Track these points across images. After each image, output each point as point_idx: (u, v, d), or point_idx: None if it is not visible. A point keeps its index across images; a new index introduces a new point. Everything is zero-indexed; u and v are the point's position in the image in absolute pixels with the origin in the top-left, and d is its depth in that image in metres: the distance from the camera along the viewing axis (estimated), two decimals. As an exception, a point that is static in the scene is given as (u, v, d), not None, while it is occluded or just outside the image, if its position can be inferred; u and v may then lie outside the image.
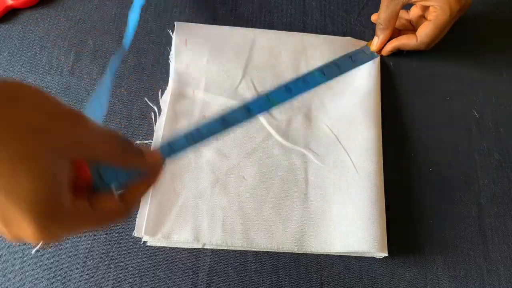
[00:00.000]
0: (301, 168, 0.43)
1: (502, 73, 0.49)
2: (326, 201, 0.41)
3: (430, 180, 0.43)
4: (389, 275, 0.39)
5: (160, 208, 0.40)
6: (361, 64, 0.47)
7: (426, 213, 0.42)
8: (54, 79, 0.48)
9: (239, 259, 0.40)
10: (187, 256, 0.40)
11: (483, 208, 0.42)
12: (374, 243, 0.38)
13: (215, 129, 0.34)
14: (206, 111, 0.45)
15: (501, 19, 0.52)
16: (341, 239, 0.39)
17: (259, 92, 0.46)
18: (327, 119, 0.45)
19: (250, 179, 0.42)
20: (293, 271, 0.39)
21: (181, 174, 0.42)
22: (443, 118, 0.46)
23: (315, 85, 0.41)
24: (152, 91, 0.47)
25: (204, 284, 0.38)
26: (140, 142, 0.44)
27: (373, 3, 0.53)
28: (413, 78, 0.48)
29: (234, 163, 0.43)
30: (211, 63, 0.47)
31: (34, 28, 0.51)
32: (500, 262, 0.40)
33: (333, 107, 0.46)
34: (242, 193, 0.41)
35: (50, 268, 0.39)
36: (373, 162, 0.42)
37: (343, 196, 0.41)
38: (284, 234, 0.40)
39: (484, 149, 0.45)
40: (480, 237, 0.41)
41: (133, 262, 0.39)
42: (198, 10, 0.52)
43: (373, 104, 0.45)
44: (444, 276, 0.39)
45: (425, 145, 0.45)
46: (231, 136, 0.44)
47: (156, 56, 0.49)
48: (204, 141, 0.33)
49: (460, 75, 0.49)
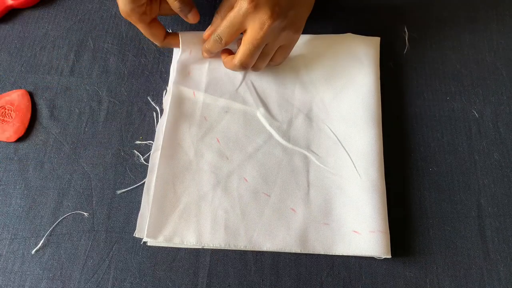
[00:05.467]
0: (302, 169, 0.43)
1: (502, 73, 0.49)
2: (328, 203, 0.41)
3: (430, 180, 0.43)
4: (389, 275, 0.39)
5: (162, 211, 0.40)
6: None
7: (426, 213, 0.42)
8: (54, 79, 0.48)
9: (239, 259, 0.40)
10: (187, 256, 0.40)
11: (483, 208, 0.42)
12: (377, 247, 0.38)
13: None
14: (206, 113, 0.45)
15: (501, 19, 0.52)
16: (344, 241, 0.39)
17: (259, 94, 0.46)
18: (328, 120, 0.45)
19: (251, 181, 0.42)
20: (293, 271, 0.39)
21: (182, 176, 0.42)
22: (443, 118, 0.46)
23: None
24: (152, 91, 0.47)
25: (204, 284, 0.39)
26: (140, 142, 0.44)
27: (374, 3, 0.53)
28: (413, 78, 0.48)
29: (236, 165, 0.43)
30: (213, 66, 0.47)
31: (34, 28, 0.51)
32: (500, 262, 0.40)
33: (334, 107, 0.46)
34: (244, 194, 0.41)
35: (50, 268, 0.39)
36: (375, 163, 0.42)
37: (345, 198, 0.41)
38: (287, 236, 0.40)
39: (484, 149, 0.45)
40: (480, 237, 0.41)
41: (133, 262, 0.39)
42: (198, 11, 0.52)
43: (373, 105, 0.45)
44: (444, 276, 0.39)
45: (425, 145, 0.45)
46: (232, 138, 0.44)
47: (156, 56, 0.49)
48: None
49: (460, 75, 0.49)
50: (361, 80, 0.46)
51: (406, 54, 0.50)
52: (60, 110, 0.46)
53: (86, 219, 0.41)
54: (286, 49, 0.44)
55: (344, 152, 0.43)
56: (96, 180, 0.43)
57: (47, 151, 0.44)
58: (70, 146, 0.44)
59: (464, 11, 0.52)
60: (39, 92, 0.47)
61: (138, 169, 0.43)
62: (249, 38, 0.40)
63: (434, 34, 0.51)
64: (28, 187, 0.42)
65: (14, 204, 0.42)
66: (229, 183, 0.42)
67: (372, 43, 0.48)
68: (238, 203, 0.41)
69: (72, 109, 0.46)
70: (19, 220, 0.41)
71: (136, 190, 0.42)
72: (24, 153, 0.44)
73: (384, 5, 0.53)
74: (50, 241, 0.40)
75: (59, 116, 0.46)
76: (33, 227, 0.41)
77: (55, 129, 0.45)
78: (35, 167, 0.43)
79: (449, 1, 0.53)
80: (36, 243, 0.40)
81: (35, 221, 0.41)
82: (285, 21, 0.40)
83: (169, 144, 0.43)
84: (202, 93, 0.46)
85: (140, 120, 0.45)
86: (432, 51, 0.50)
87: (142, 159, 0.43)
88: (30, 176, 0.43)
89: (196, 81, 0.46)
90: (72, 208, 0.41)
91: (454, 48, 0.50)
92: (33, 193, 0.42)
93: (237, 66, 0.43)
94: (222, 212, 0.40)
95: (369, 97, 0.45)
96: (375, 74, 0.47)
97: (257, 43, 0.40)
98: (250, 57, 0.42)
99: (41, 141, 0.44)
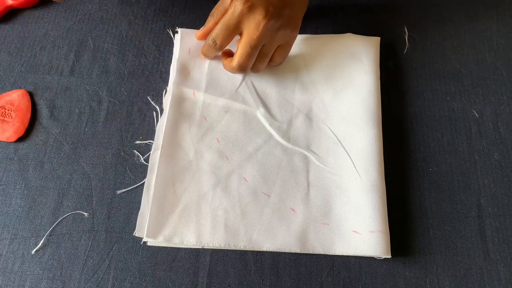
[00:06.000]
0: (302, 169, 0.43)
1: (502, 73, 0.49)
2: (327, 203, 0.41)
3: (430, 180, 0.43)
4: (389, 275, 0.39)
5: (162, 211, 0.40)
6: None
7: (426, 213, 0.42)
8: (54, 79, 0.48)
9: (239, 259, 0.40)
10: (187, 256, 0.40)
11: (483, 208, 0.42)
12: (377, 247, 0.38)
13: None
14: (206, 113, 0.45)
15: (501, 19, 0.52)
16: (344, 241, 0.39)
17: (259, 94, 0.46)
18: (328, 120, 0.45)
19: (251, 181, 0.42)
20: (293, 271, 0.39)
21: (182, 176, 0.42)
22: (443, 118, 0.46)
23: None
24: (152, 91, 0.47)
25: (204, 284, 0.39)
26: (140, 142, 0.44)
27: (374, 3, 0.53)
28: (413, 78, 0.48)
29: (235, 165, 0.43)
30: (213, 66, 0.47)
31: (34, 28, 0.51)
32: (500, 262, 0.40)
33: (334, 107, 0.46)
34: (244, 194, 0.41)
35: (50, 268, 0.39)
36: (375, 164, 0.42)
37: (345, 198, 0.41)
38: (287, 235, 0.40)
39: (484, 149, 0.45)
40: (480, 237, 0.41)
41: (133, 262, 0.39)
42: (198, 10, 0.52)
43: (373, 105, 0.45)
44: (444, 276, 0.39)
45: (425, 145, 0.45)
46: (232, 138, 0.44)
47: (156, 56, 0.49)
48: None
49: (460, 75, 0.49)
50: (361, 80, 0.46)
51: (406, 54, 0.50)
52: (60, 110, 0.46)
53: (86, 219, 0.41)
54: (284, 49, 0.44)
55: (344, 152, 0.43)
56: (96, 180, 0.43)
57: (47, 151, 0.44)
58: (70, 146, 0.44)
59: (464, 11, 0.52)
60: (39, 92, 0.47)
61: (138, 169, 0.43)
62: (246, 40, 0.40)
63: (434, 34, 0.51)
64: (28, 187, 0.42)
65: (14, 204, 0.42)
66: (229, 183, 0.42)
67: (372, 43, 0.48)
68: (238, 203, 0.41)
69: (72, 109, 0.46)
70: (19, 220, 0.41)
71: (136, 190, 0.42)
72: (24, 153, 0.44)
73: (384, 5, 0.53)
74: (50, 241, 0.40)
75: (59, 116, 0.46)
76: (33, 227, 0.41)
77: (55, 129, 0.45)
78: (35, 167, 0.43)
79: (449, 1, 0.53)
80: (36, 243, 0.40)
81: (35, 221, 0.41)
82: (280, 20, 0.40)
83: (169, 144, 0.43)
84: (202, 93, 0.46)
85: (140, 120, 0.45)
86: (432, 51, 0.50)
87: (142, 159, 0.43)
88: (30, 176, 0.43)
89: (196, 81, 0.46)
90: (72, 208, 0.41)
91: (454, 48, 0.50)
92: (33, 193, 0.42)
93: (236, 69, 0.43)
94: (222, 212, 0.40)
95: (369, 97, 0.45)
96: (375, 74, 0.47)
97: (254, 44, 0.40)
98: (248, 58, 0.42)
99: (41, 141, 0.44)
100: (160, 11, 0.52)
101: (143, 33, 0.50)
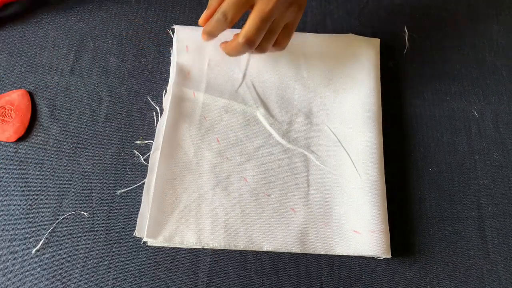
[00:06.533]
0: (302, 169, 0.43)
1: (502, 73, 0.49)
2: (327, 203, 0.41)
3: (430, 180, 0.43)
4: (389, 275, 0.39)
5: (162, 211, 0.40)
6: None
7: (426, 213, 0.42)
8: (54, 79, 0.48)
9: (239, 259, 0.40)
10: (187, 256, 0.40)
11: (483, 208, 0.42)
12: (377, 247, 0.38)
13: None
14: (206, 113, 0.45)
15: (501, 19, 0.52)
16: (344, 241, 0.39)
17: (259, 94, 0.46)
18: (328, 120, 0.45)
19: (251, 181, 0.42)
20: (293, 271, 0.39)
21: (182, 176, 0.42)
22: (443, 118, 0.46)
23: None
24: (152, 91, 0.47)
25: (204, 284, 0.39)
26: (140, 142, 0.44)
27: (374, 3, 0.53)
28: (413, 78, 0.48)
29: (235, 165, 0.43)
30: (212, 66, 0.47)
31: (34, 28, 0.51)
32: (500, 262, 0.40)
33: (334, 107, 0.46)
34: (244, 194, 0.41)
35: (50, 268, 0.39)
36: (375, 164, 0.42)
37: (345, 198, 0.41)
38: (287, 235, 0.40)
39: (484, 149, 0.45)
40: (480, 237, 0.41)
41: (133, 262, 0.39)
42: (198, 10, 0.52)
43: (373, 105, 0.45)
44: (444, 276, 0.39)
45: (425, 145, 0.45)
46: (232, 138, 0.44)
47: (156, 56, 0.49)
48: None
49: (460, 75, 0.49)
50: (361, 81, 0.46)
51: (406, 54, 0.50)
52: (60, 110, 0.46)
53: (86, 219, 0.41)
54: (290, 29, 0.43)
55: (344, 152, 0.43)
56: (96, 180, 0.43)
57: (47, 151, 0.44)
58: (70, 146, 0.44)
59: (464, 11, 0.52)
60: (39, 92, 0.47)
61: (138, 169, 0.43)
62: (257, 12, 0.39)
63: (434, 34, 0.51)
64: (28, 187, 0.42)
65: (14, 204, 0.42)
66: (229, 183, 0.42)
67: (372, 44, 0.48)
68: (238, 203, 0.41)
69: (72, 109, 0.46)
70: (19, 220, 0.41)
71: (136, 190, 0.42)
72: (24, 153, 0.44)
73: (384, 5, 0.53)
74: (50, 241, 0.40)
75: (59, 116, 0.46)
76: (33, 227, 0.41)
77: (55, 129, 0.45)
78: (35, 167, 0.43)
79: (449, 1, 0.53)
80: (36, 243, 0.40)
81: (35, 221, 0.41)
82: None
83: (169, 144, 0.43)
84: (202, 93, 0.46)
85: (140, 120, 0.45)
86: (432, 51, 0.50)
87: (142, 159, 0.43)
88: (30, 176, 0.43)
89: (196, 81, 0.46)
90: (72, 208, 0.41)
91: (454, 48, 0.50)
92: (33, 193, 0.42)
93: (242, 44, 0.40)
94: (222, 212, 0.40)
95: (369, 97, 0.45)
96: (375, 75, 0.47)
97: (265, 17, 0.39)
98: (257, 32, 0.39)
99: (41, 141, 0.44)
100: (160, 11, 0.52)
101: (143, 33, 0.50)
